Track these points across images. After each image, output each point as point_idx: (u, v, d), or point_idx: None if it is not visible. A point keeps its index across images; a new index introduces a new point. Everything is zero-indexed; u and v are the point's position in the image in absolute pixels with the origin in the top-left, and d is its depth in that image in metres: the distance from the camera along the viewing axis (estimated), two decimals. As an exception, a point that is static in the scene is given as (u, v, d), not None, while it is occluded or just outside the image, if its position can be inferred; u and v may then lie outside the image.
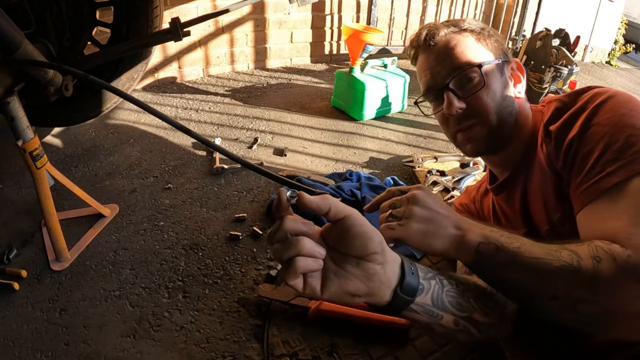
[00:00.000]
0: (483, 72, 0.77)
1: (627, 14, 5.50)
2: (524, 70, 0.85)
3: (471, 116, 0.80)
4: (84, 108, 1.52)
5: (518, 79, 0.84)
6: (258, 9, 2.54)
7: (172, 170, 1.62)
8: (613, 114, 0.66)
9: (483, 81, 0.77)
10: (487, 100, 0.78)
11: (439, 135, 2.11)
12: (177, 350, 0.96)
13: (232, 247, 1.26)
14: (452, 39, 0.81)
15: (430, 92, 0.84)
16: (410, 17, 3.13)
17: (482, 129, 0.80)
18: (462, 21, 0.84)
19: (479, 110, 0.79)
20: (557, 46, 2.54)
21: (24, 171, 1.50)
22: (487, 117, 0.79)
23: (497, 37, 0.85)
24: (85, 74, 0.79)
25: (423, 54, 0.84)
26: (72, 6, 1.35)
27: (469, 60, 0.78)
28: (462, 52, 0.79)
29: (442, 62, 0.80)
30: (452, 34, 0.81)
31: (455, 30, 0.82)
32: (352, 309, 1.01)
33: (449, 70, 0.79)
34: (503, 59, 0.83)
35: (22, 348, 0.94)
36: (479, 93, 0.78)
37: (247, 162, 0.71)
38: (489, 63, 0.79)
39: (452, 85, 0.79)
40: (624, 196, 0.60)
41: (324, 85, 2.59)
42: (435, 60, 0.81)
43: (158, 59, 2.32)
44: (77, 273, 1.15)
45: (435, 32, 0.81)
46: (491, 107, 0.78)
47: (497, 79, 0.80)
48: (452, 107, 0.78)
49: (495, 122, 0.79)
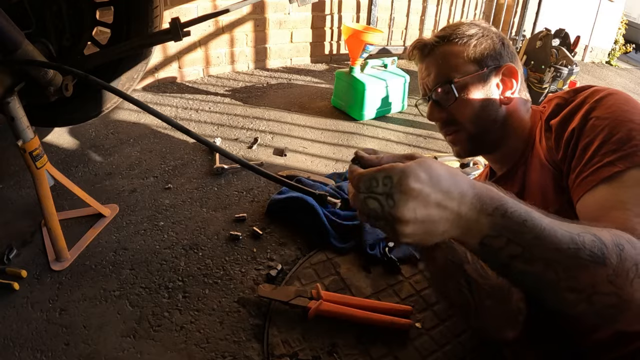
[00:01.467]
0: (455, 87, 0.83)
1: (627, 14, 5.50)
2: (517, 73, 0.87)
3: (452, 124, 0.88)
4: (84, 108, 1.52)
5: (509, 84, 0.87)
6: (258, 9, 2.54)
7: (172, 170, 1.62)
8: (614, 109, 0.68)
9: (454, 96, 0.84)
10: (462, 111, 0.85)
11: (439, 135, 2.11)
12: (177, 350, 0.96)
13: (232, 247, 1.26)
14: (440, 52, 0.87)
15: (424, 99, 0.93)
16: (410, 17, 3.13)
17: (462, 135, 0.88)
18: (456, 28, 0.87)
19: (455, 120, 0.87)
20: (557, 46, 2.54)
21: (24, 171, 1.50)
22: (463, 125, 0.86)
23: (492, 40, 0.86)
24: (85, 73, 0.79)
25: (418, 61, 0.92)
26: (72, 6, 1.34)
27: (445, 76, 0.85)
28: (444, 66, 0.85)
29: (428, 75, 0.88)
30: (440, 47, 0.87)
31: (443, 43, 0.87)
32: (352, 309, 1.02)
33: (432, 83, 0.87)
34: (491, 66, 0.85)
35: (22, 348, 0.94)
36: (453, 105, 0.85)
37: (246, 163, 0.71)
38: (462, 77, 0.84)
39: (435, 96, 0.87)
40: (626, 186, 0.60)
41: (324, 85, 2.59)
42: (424, 72, 0.90)
43: (158, 59, 2.32)
44: (77, 273, 1.15)
45: (425, 46, 0.88)
46: (468, 116, 0.85)
47: (477, 89, 0.85)
48: (431, 117, 0.89)
49: (473, 129, 0.86)
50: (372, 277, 1.16)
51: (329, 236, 1.26)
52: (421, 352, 0.95)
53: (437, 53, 0.87)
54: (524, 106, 0.89)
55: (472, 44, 0.85)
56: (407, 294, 1.11)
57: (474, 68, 0.85)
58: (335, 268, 1.19)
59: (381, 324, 0.99)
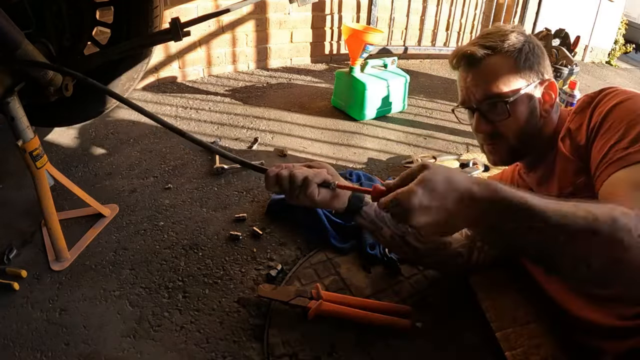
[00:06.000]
0: (509, 105, 0.85)
1: (627, 14, 5.49)
2: (556, 89, 0.90)
3: (495, 137, 0.90)
4: (84, 108, 1.52)
5: (549, 98, 0.89)
6: (259, 8, 2.54)
7: (172, 170, 1.62)
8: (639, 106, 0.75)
9: (507, 113, 0.86)
10: (510, 127, 0.88)
11: (439, 135, 2.11)
12: (177, 350, 0.96)
13: (232, 247, 1.26)
14: (490, 64, 0.86)
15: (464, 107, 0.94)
16: (410, 17, 3.12)
17: (504, 147, 0.91)
18: (504, 38, 0.86)
19: (501, 135, 0.89)
20: (557, 46, 2.54)
21: (24, 171, 1.50)
22: (508, 140, 0.89)
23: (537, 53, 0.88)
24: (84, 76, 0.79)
25: (462, 70, 0.91)
26: (72, 6, 1.34)
27: (499, 90, 0.85)
28: (496, 80, 0.85)
29: (476, 85, 0.87)
30: (489, 58, 0.86)
31: (494, 53, 0.86)
32: (352, 309, 1.02)
33: (481, 95, 0.87)
34: (537, 81, 0.88)
35: (22, 348, 0.94)
36: (502, 122, 0.87)
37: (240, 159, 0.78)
38: (516, 95, 0.85)
39: (482, 108, 0.88)
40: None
41: (324, 85, 2.59)
42: (471, 81, 0.88)
43: (159, 59, 2.32)
44: (77, 273, 1.15)
45: (475, 56, 0.86)
46: (514, 132, 0.88)
47: (524, 106, 0.87)
48: (477, 128, 0.90)
49: (516, 144, 0.90)
50: (372, 277, 1.16)
51: (329, 236, 1.26)
52: (421, 352, 0.95)
53: (487, 65, 0.86)
54: (555, 114, 0.92)
55: (522, 59, 0.86)
56: (407, 294, 1.11)
57: (523, 83, 0.86)
58: (335, 268, 1.19)
59: (381, 324, 0.99)
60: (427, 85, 2.81)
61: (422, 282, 1.15)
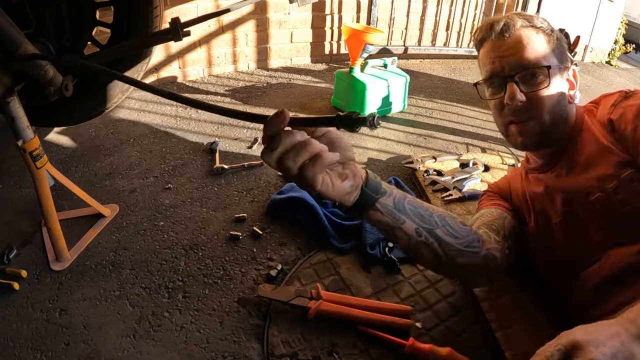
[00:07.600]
0: (550, 73, 0.83)
1: (627, 14, 5.49)
2: (577, 77, 0.91)
3: (528, 111, 0.85)
4: (84, 108, 1.52)
5: (572, 85, 0.90)
6: (259, 8, 2.54)
7: (172, 170, 1.62)
8: None
9: (548, 81, 0.83)
10: (546, 100, 0.84)
11: (439, 135, 2.11)
12: (177, 350, 0.96)
13: (232, 247, 1.26)
14: (527, 35, 0.85)
15: (493, 79, 0.88)
16: (410, 17, 3.12)
17: (535, 125, 0.86)
18: (535, 19, 0.88)
19: (537, 107, 0.85)
20: (558, 46, 2.53)
21: (24, 171, 1.50)
22: (542, 115, 0.85)
23: (563, 41, 0.89)
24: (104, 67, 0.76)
25: (495, 41, 0.87)
26: (72, 6, 1.34)
27: (539, 59, 0.83)
28: (534, 49, 0.84)
29: (513, 54, 0.84)
30: (527, 30, 0.85)
31: (530, 27, 0.86)
32: (352, 309, 1.01)
33: (519, 64, 0.84)
34: (565, 64, 0.88)
35: (22, 348, 0.94)
36: (541, 91, 0.83)
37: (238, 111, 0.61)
38: (556, 66, 0.85)
39: (518, 78, 0.84)
40: None
41: (324, 85, 2.59)
42: (507, 50, 0.85)
43: (159, 59, 2.32)
44: (77, 273, 1.15)
45: (511, 24, 0.85)
46: (548, 106, 0.85)
47: (559, 82, 0.86)
48: (514, 99, 0.83)
49: (548, 121, 0.86)
50: (372, 277, 1.16)
51: (329, 236, 1.26)
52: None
53: (525, 34, 0.85)
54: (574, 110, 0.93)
55: (554, 38, 0.87)
56: (407, 294, 1.11)
57: (555, 61, 0.86)
58: (335, 268, 1.19)
59: (381, 324, 0.99)
60: (427, 85, 2.81)
61: (422, 282, 1.15)
